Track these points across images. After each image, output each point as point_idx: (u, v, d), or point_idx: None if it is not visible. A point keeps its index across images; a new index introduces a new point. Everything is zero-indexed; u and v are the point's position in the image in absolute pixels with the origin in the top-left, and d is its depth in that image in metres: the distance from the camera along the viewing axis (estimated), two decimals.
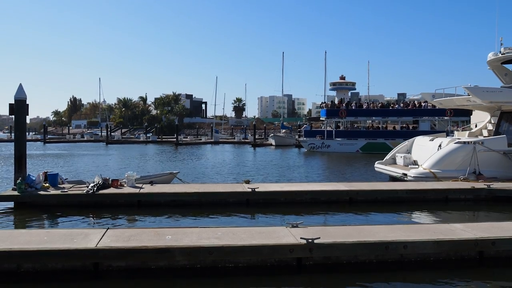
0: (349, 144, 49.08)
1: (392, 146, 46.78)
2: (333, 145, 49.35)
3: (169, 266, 8.20)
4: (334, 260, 8.60)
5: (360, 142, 49.01)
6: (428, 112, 48.68)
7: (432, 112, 48.23)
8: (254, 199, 15.15)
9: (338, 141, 49.54)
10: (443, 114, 46.93)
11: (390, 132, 50.42)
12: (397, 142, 47.32)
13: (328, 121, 53.12)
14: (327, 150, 49.03)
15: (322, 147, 49.51)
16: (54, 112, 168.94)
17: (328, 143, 49.51)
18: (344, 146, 48.97)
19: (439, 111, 47.21)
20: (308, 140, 51.31)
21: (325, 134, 50.52)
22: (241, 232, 9.38)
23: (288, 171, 28.07)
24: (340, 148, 48.94)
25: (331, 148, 49.21)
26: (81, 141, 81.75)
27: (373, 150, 47.23)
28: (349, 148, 48.77)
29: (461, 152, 19.01)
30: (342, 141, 49.47)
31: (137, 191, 15.08)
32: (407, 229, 9.89)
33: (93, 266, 8.05)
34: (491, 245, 9.02)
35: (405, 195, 16.00)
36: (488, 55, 23.06)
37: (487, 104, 21.20)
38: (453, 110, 46.28)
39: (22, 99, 15.36)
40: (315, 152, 48.79)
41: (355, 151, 48.45)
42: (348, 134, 50.28)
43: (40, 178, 15.25)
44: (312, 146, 50.14)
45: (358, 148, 48.70)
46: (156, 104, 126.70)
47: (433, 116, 48.49)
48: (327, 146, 49.42)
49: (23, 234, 9.18)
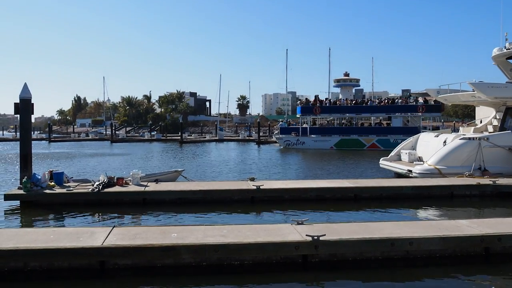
0: (323, 140, 49.91)
1: (365, 142, 48.53)
2: (308, 142, 50.19)
3: (175, 264, 8.22)
4: (340, 257, 8.60)
5: (334, 138, 49.84)
6: (400, 109, 49.69)
7: (404, 108, 49.42)
8: (259, 197, 15.16)
9: (313, 138, 50.38)
10: (415, 110, 48.43)
11: (363, 128, 51.38)
12: (370, 138, 48.67)
13: (303, 118, 54.01)
14: (302, 147, 49.75)
15: (297, 144, 50.35)
16: (58, 111, 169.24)
17: (303, 140, 50.36)
18: (318, 143, 49.83)
19: (411, 108, 48.74)
20: (284, 137, 52.13)
21: (299, 131, 51.38)
22: (246, 229, 9.40)
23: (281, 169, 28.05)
24: (314, 144, 49.79)
25: (305, 145, 50.00)
26: (86, 140, 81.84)
27: (347, 146, 48.40)
28: (323, 144, 49.65)
29: (466, 148, 18.94)
30: (316, 138, 50.30)
31: (143, 189, 15.11)
32: (413, 226, 9.88)
33: (99, 264, 8.08)
34: (497, 241, 9.00)
35: (410, 191, 15.98)
36: (493, 51, 22.94)
37: (492, 100, 21.10)
38: (425, 106, 48.22)
39: (27, 98, 15.42)
40: (290, 149, 49.46)
41: (329, 147, 49.29)
42: (322, 131, 51.24)
43: (46, 177, 15.31)
44: (288, 143, 50.99)
45: (332, 144, 49.57)
46: (160, 102, 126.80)
47: (406, 113, 49.39)
48: (302, 143, 50.27)
49: (29, 233, 9.23)
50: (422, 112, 48.19)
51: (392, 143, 47.45)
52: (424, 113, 48.39)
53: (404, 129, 48.35)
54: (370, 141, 48.60)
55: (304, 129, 51.21)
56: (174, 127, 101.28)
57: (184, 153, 44.89)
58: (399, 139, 47.15)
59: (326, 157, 37.97)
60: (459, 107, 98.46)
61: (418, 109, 48.18)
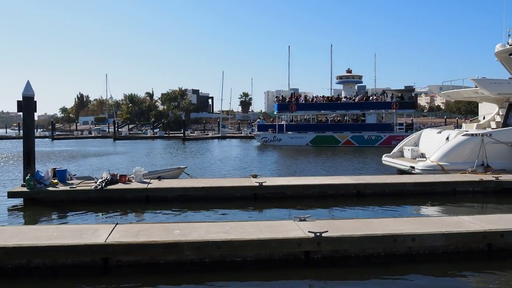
0: (299, 137, 50.68)
1: (340, 139, 49.21)
2: (284, 138, 50.98)
3: (178, 260, 8.25)
4: (342, 253, 8.61)
5: (310, 135, 50.51)
6: (374, 105, 50.35)
7: (378, 105, 50.13)
8: (262, 193, 15.18)
9: (289, 135, 51.16)
10: (389, 107, 49.22)
11: (338, 125, 51.82)
12: (344, 135, 49.38)
13: (280, 115, 54.76)
14: (278, 144, 50.50)
15: (274, 141, 51.17)
16: (61, 108, 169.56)
17: (280, 137, 51.18)
18: (294, 140, 50.59)
19: (385, 104, 49.56)
20: (261, 134, 52.99)
21: (276, 128, 52.10)
22: (249, 226, 9.41)
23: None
24: (290, 141, 50.54)
25: (282, 142, 50.78)
26: (88, 137, 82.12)
27: (322, 143, 49.06)
28: (299, 141, 50.34)
29: (469, 144, 18.91)
30: (292, 135, 51.12)
31: (145, 186, 15.15)
32: (415, 222, 9.87)
33: (103, 261, 8.11)
34: (499, 237, 9.00)
35: (413, 188, 15.97)
36: (496, 47, 22.87)
37: (495, 96, 21.06)
38: (398, 102, 49.13)
39: (30, 96, 15.46)
40: (267, 145, 50.07)
41: (304, 144, 49.91)
42: (298, 128, 51.98)
43: (49, 174, 15.35)
44: (265, 140, 51.81)
45: (308, 141, 50.22)
46: (162, 100, 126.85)
47: (380, 109, 50.03)
48: (278, 139, 51.10)
49: (33, 230, 9.27)
50: (396, 109, 48.99)
51: (366, 140, 48.60)
52: (398, 109, 49.18)
53: (378, 126, 49.52)
54: (345, 138, 49.34)
55: (281, 126, 52.06)
56: (176, 125, 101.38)
57: (186, 150, 44.94)
58: (373, 136, 48.38)
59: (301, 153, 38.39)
60: (462, 104, 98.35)
61: (391, 106, 49.07)
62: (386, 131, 48.69)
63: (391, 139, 47.37)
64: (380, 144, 47.64)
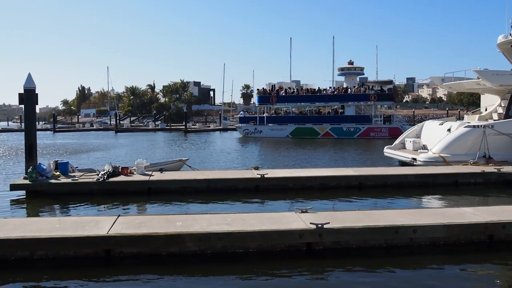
0: (279, 129, 51.43)
1: (319, 131, 49.80)
2: (265, 130, 51.79)
3: (180, 252, 8.27)
4: (344, 245, 8.63)
5: (290, 127, 51.27)
6: (353, 97, 51.04)
7: (356, 97, 50.78)
8: (264, 185, 15.19)
9: (270, 127, 51.92)
10: (367, 99, 49.79)
11: (317, 117, 52.48)
12: (323, 127, 50.04)
13: (260, 107, 55.34)
14: (259, 136, 51.23)
15: (255, 133, 52.03)
16: (63, 101, 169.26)
17: (260, 129, 52.02)
18: (275, 132, 51.35)
19: (364, 96, 50.14)
20: (243, 126, 53.83)
21: (257, 120, 52.87)
22: (250, 218, 9.43)
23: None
24: (271, 133, 51.30)
25: (263, 134, 51.55)
26: (90, 130, 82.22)
27: (302, 134, 49.77)
28: (279, 133, 51.07)
29: (471, 136, 18.88)
30: (273, 127, 51.85)
31: (147, 178, 15.17)
32: (417, 213, 9.89)
33: (105, 253, 8.14)
34: (501, 229, 9.00)
35: (415, 179, 15.96)
36: (498, 38, 22.77)
37: (497, 88, 21.00)
38: (376, 94, 49.56)
39: (31, 89, 15.45)
40: (249, 137, 50.68)
41: (285, 136, 50.56)
42: (278, 120, 52.81)
43: (51, 166, 15.38)
44: (246, 132, 52.64)
45: (288, 133, 50.95)
46: (164, 92, 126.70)
47: (358, 101, 50.72)
48: (259, 131, 51.94)
49: (35, 222, 9.30)
50: (374, 101, 49.52)
51: (345, 132, 49.19)
52: (376, 101, 49.77)
53: (356, 118, 50.18)
54: (324, 130, 50.01)
55: (262, 118, 52.79)
56: (178, 117, 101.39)
57: (188, 142, 44.96)
58: (352, 128, 48.93)
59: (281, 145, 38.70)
60: (464, 95, 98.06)
61: (370, 98, 49.56)
62: (365, 123, 49.42)
63: (369, 131, 48.39)
64: (359, 136, 48.44)
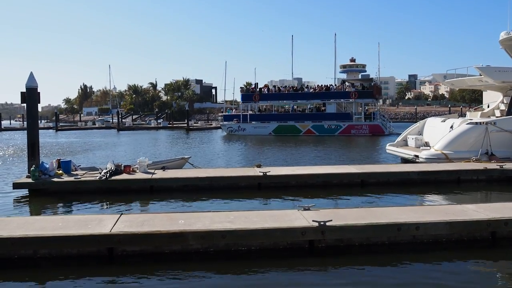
0: (262, 127, 52.10)
1: (301, 128, 50.40)
2: (248, 128, 52.37)
3: (183, 250, 8.29)
4: (346, 242, 8.64)
5: (272, 125, 51.91)
6: (334, 95, 51.57)
7: (338, 95, 51.37)
8: (266, 183, 15.19)
9: (253, 125, 52.57)
10: (348, 96, 50.34)
11: (299, 115, 52.92)
12: (305, 124, 50.56)
13: (244, 105, 56.01)
14: (243, 133, 51.77)
15: (239, 130, 52.61)
16: (65, 99, 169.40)
17: (244, 127, 52.61)
18: (258, 129, 51.97)
19: (345, 94, 50.77)
20: (227, 124, 54.37)
21: (240, 117, 53.47)
22: (253, 215, 9.44)
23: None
24: (254, 131, 51.87)
25: (246, 131, 52.04)
26: (92, 128, 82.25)
27: (284, 132, 50.48)
28: (262, 131, 51.69)
29: (473, 132, 18.85)
30: (256, 124, 52.57)
31: (150, 176, 15.19)
32: (419, 211, 9.89)
33: (108, 251, 8.16)
34: (503, 226, 8.99)
35: (417, 176, 15.95)
36: (500, 34, 22.69)
37: (499, 84, 20.93)
38: (357, 92, 50.06)
39: (33, 87, 15.45)
40: (233, 135, 51.16)
41: (268, 133, 51.20)
42: (261, 118, 53.31)
43: (54, 165, 15.39)
44: (230, 130, 53.26)
45: (270, 130, 51.57)
46: (166, 90, 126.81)
47: (339, 99, 51.18)
48: (242, 129, 52.50)
49: (38, 221, 9.32)
50: (355, 98, 49.94)
51: (326, 129, 49.66)
52: (357, 99, 50.15)
53: (337, 115, 50.63)
54: (306, 127, 50.51)
55: (245, 116, 53.37)
56: (180, 115, 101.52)
57: (190, 140, 44.99)
58: (333, 125, 49.33)
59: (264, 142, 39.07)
60: (466, 92, 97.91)
61: (350, 95, 50.09)
62: (345, 120, 49.82)
63: (350, 128, 48.76)
64: (340, 133, 48.85)
